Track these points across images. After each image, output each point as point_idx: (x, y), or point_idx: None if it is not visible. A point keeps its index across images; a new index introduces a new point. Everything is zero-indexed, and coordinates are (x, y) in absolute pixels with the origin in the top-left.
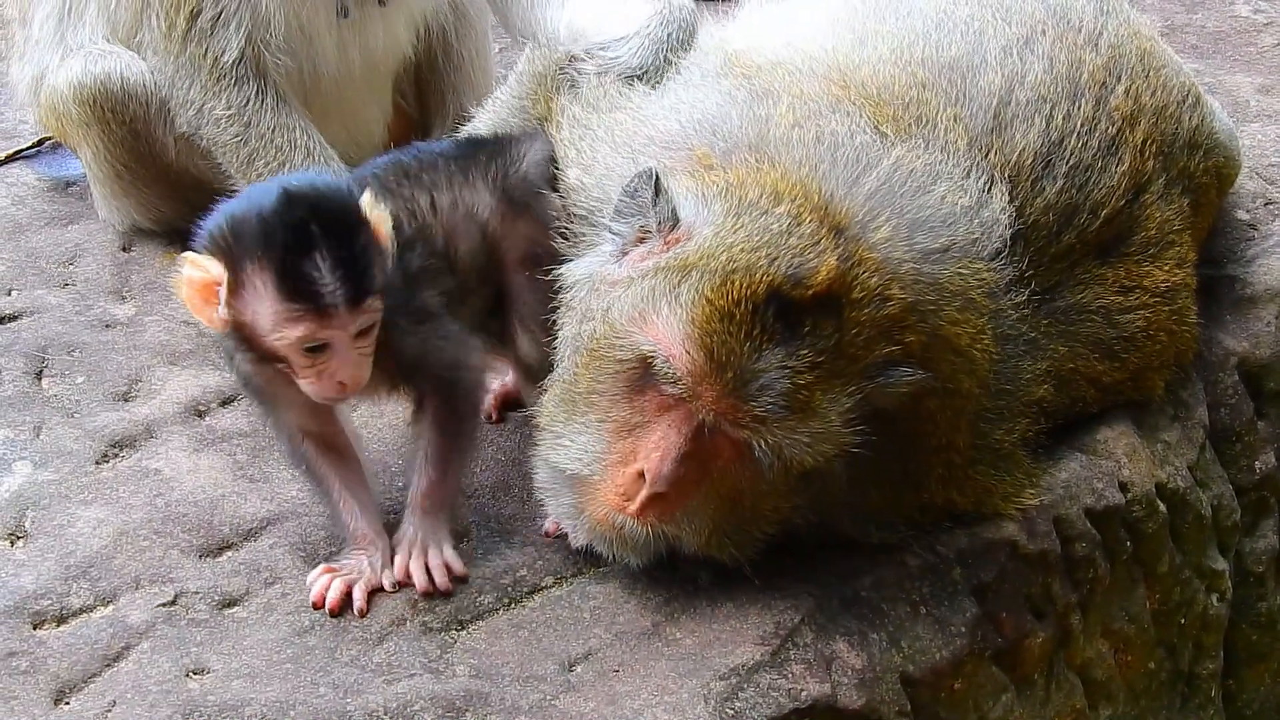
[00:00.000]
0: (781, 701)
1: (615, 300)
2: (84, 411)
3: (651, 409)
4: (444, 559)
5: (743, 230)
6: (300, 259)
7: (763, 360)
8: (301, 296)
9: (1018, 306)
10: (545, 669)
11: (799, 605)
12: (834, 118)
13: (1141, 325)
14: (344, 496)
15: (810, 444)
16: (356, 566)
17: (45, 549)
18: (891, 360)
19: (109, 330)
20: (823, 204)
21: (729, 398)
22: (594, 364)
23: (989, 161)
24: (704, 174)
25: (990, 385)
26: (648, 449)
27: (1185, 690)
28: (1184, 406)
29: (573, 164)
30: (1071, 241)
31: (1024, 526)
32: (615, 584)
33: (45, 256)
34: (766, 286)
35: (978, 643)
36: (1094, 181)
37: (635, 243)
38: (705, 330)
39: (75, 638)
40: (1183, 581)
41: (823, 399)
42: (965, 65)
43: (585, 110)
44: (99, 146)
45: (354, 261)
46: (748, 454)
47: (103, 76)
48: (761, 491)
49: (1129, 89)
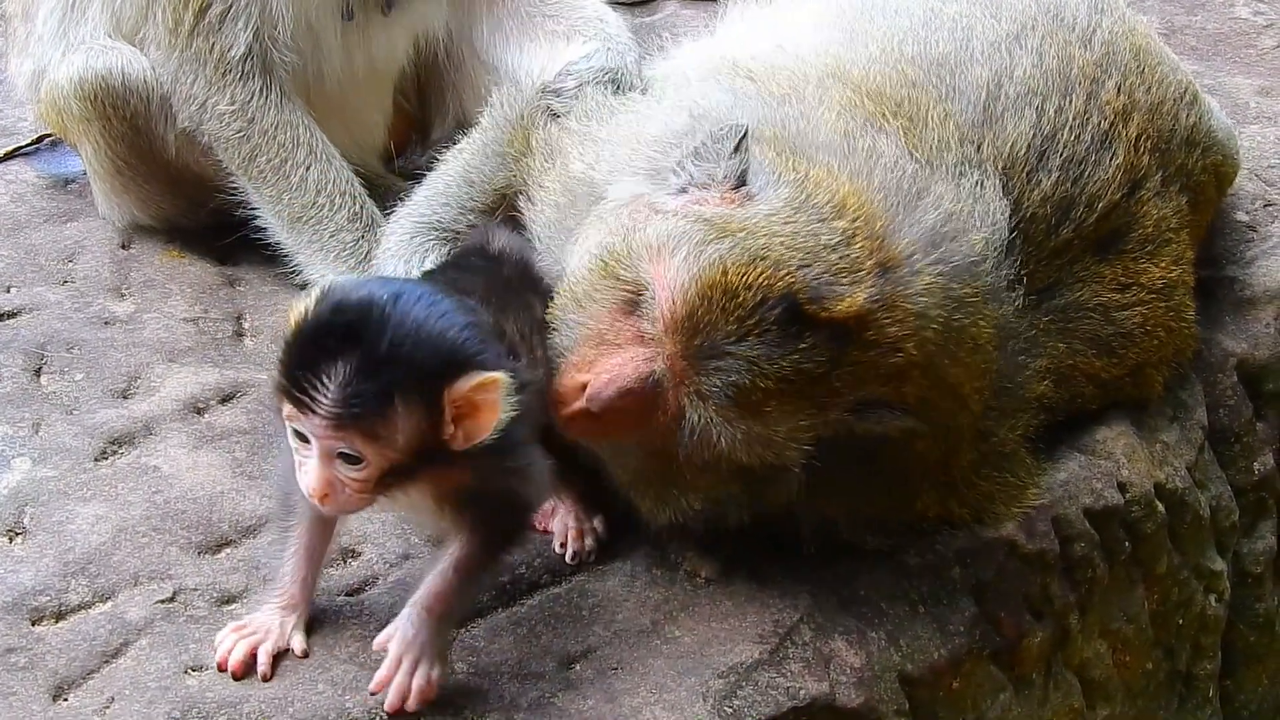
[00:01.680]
0: (780, 700)
1: (646, 226)
2: (83, 408)
3: (626, 336)
4: (429, 678)
5: (794, 226)
6: (319, 349)
7: (737, 347)
8: (290, 376)
9: (1017, 303)
10: (544, 667)
11: (797, 604)
12: (879, 136)
13: (1139, 322)
14: (300, 557)
15: (744, 443)
16: (266, 624)
17: (44, 545)
18: (878, 401)
19: (108, 327)
20: (881, 235)
21: (686, 360)
22: (600, 272)
23: (981, 155)
24: (789, 157)
25: (992, 387)
26: (600, 368)
27: (1183, 690)
28: (1183, 407)
29: (575, 160)
30: (1069, 236)
31: (1023, 526)
32: (614, 582)
33: (44, 253)
34: (785, 287)
35: (976, 642)
36: (1089, 175)
37: (699, 186)
38: (703, 292)
39: (74, 634)
40: (1181, 582)
41: (777, 410)
42: (954, 61)
43: (581, 122)
44: (99, 143)
45: (355, 395)
46: (682, 420)
47: (104, 72)
48: (692, 463)
49: (1122, 84)
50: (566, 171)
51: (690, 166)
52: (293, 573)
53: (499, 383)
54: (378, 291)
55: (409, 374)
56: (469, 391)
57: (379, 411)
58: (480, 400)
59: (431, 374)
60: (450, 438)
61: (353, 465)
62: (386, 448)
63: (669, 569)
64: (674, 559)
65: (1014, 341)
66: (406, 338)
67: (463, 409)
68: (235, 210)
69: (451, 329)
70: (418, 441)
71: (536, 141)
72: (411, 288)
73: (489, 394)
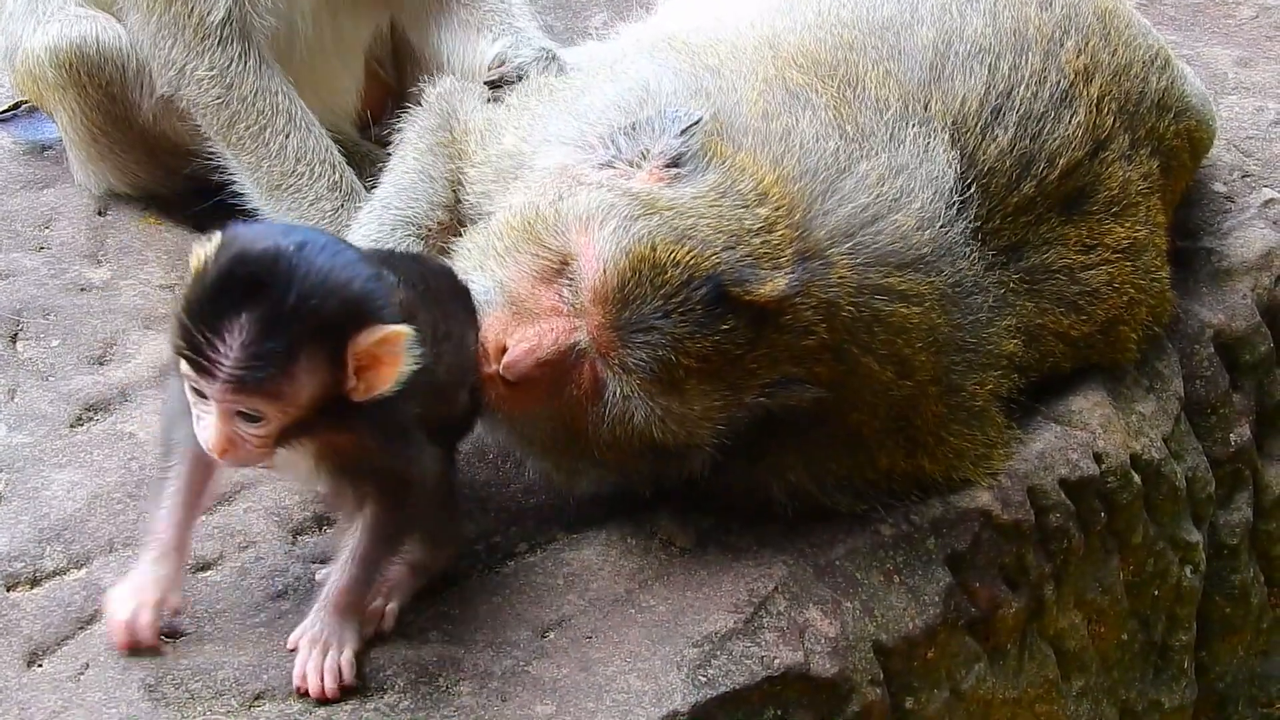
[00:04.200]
0: (754, 669)
1: (575, 195)
2: (58, 375)
3: (545, 304)
4: (339, 662)
5: (720, 210)
6: (217, 308)
7: (663, 322)
8: (188, 338)
9: (978, 258)
10: (518, 635)
11: (772, 573)
12: (802, 112)
13: (1105, 280)
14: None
15: (662, 419)
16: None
17: (19, 511)
18: (790, 379)
19: (84, 294)
20: (801, 224)
21: (611, 331)
22: (522, 234)
23: (928, 113)
24: (716, 139)
25: (953, 343)
26: (520, 335)
27: (1158, 662)
28: (1159, 378)
29: (508, 133)
30: (1031, 192)
31: (998, 496)
32: (589, 551)
33: (20, 220)
34: (711, 268)
35: (951, 612)
36: (1049, 131)
37: (626, 161)
38: (632, 265)
39: (49, 600)
40: (1156, 553)
41: (695, 388)
42: (899, 23)
43: (520, 98)
44: (75, 110)
45: (257, 355)
46: (601, 394)
47: (78, 40)
48: (602, 437)
49: (1083, 45)
50: (500, 145)
51: (621, 140)
52: (168, 517)
53: (402, 336)
54: (283, 242)
55: (314, 329)
56: (372, 345)
57: (283, 372)
58: (383, 354)
59: (336, 327)
60: (351, 390)
61: (253, 423)
62: (288, 405)
63: (644, 538)
64: (649, 528)
65: (977, 296)
66: (313, 291)
67: (365, 361)
68: (211, 177)
69: (357, 279)
70: (319, 395)
71: (473, 125)
72: (316, 236)
73: (392, 347)
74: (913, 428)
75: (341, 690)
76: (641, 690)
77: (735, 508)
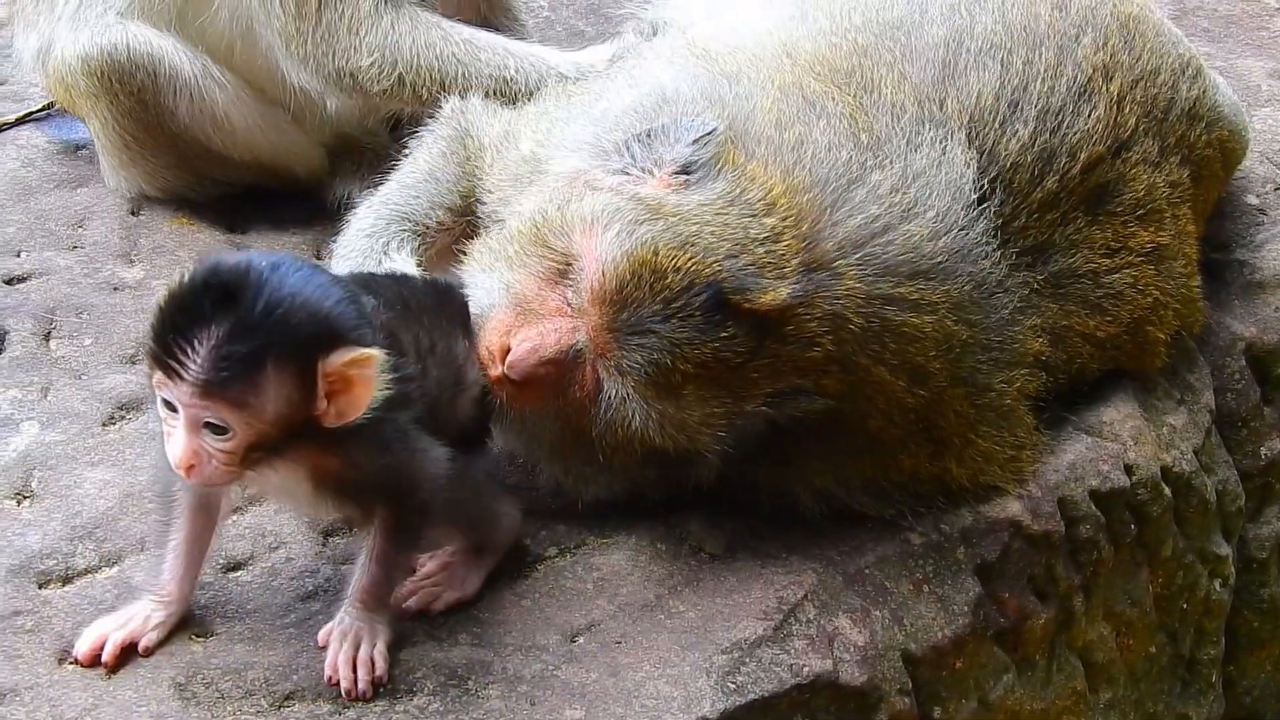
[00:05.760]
0: (783, 676)
1: (583, 198)
2: (91, 373)
3: (549, 306)
4: (371, 655)
5: (726, 218)
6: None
7: (661, 327)
8: (160, 342)
9: (1005, 258)
10: (547, 639)
11: (802, 581)
12: (816, 120)
13: (1129, 282)
14: (178, 551)
15: (659, 423)
16: (127, 615)
17: (51, 509)
18: (796, 390)
19: (117, 293)
20: (809, 235)
21: (609, 333)
22: (531, 238)
23: (944, 112)
24: (728, 148)
25: (976, 343)
26: (523, 335)
27: (1185, 675)
28: (1190, 390)
29: (525, 139)
30: (1055, 187)
31: (1029, 506)
32: (619, 556)
33: (54, 219)
34: (712, 275)
35: (980, 622)
36: (1068, 124)
37: (640, 169)
38: (633, 268)
39: (80, 598)
40: (1186, 566)
41: (694, 395)
42: (909, 24)
43: (538, 104)
44: (107, 117)
45: (224, 360)
46: (599, 396)
47: (109, 48)
48: (606, 441)
49: (1101, 43)
50: (517, 152)
51: (635, 147)
52: (171, 569)
53: (373, 359)
54: (256, 261)
55: (281, 341)
56: (343, 366)
57: (247, 378)
58: (354, 376)
59: (304, 343)
60: (322, 414)
61: (219, 436)
62: (254, 418)
63: (674, 543)
64: (679, 533)
65: (1000, 295)
66: (280, 304)
67: (336, 384)
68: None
69: (327, 301)
70: (287, 414)
71: (488, 139)
72: (290, 260)
73: (363, 369)
74: (936, 429)
75: (373, 684)
76: (670, 696)
77: (765, 513)
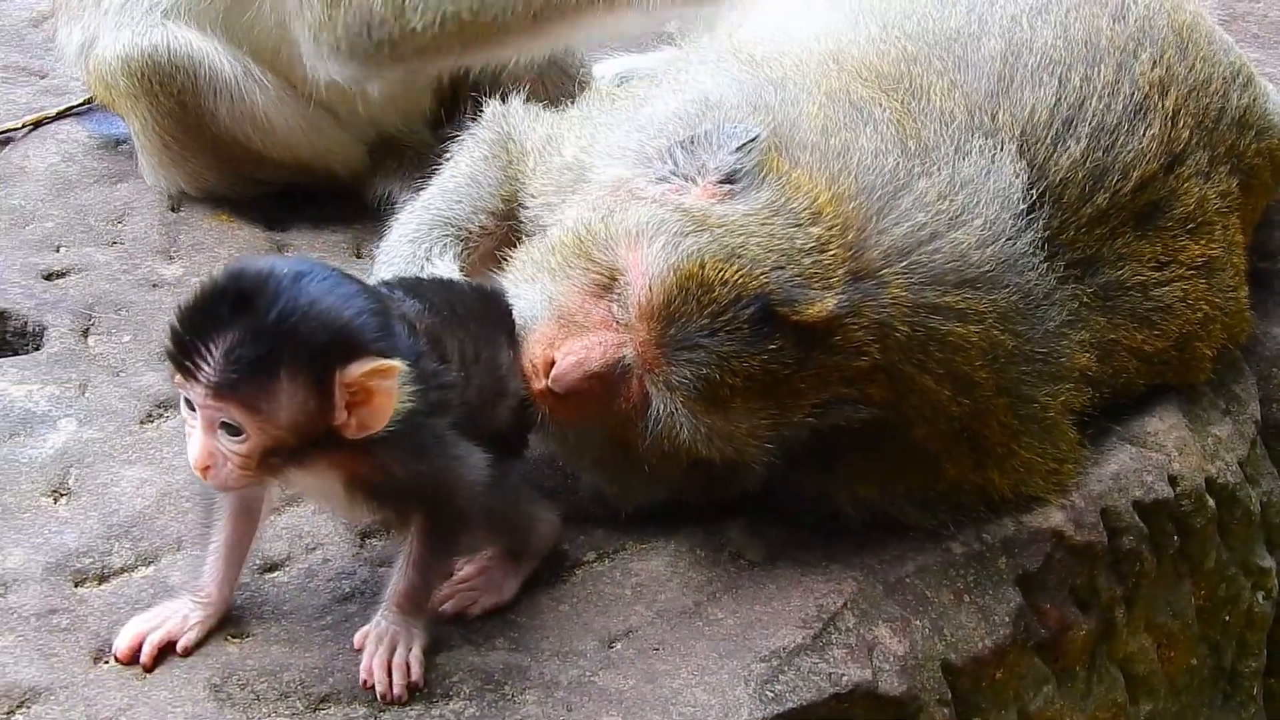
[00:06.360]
0: (822, 685)
1: (627, 210)
2: (129, 370)
3: (595, 319)
4: (407, 659)
5: (771, 228)
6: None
7: (709, 340)
8: (177, 340)
9: (1053, 270)
10: (585, 645)
11: (842, 589)
12: (863, 127)
13: (1179, 296)
14: (219, 553)
15: (707, 436)
16: (166, 613)
17: (88, 507)
18: (842, 400)
19: (156, 290)
20: (855, 244)
21: (657, 348)
22: (575, 250)
23: (996, 124)
24: (773, 155)
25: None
26: (568, 348)
27: (1227, 688)
28: (1236, 401)
29: (569, 144)
30: (1105, 205)
31: (1071, 517)
32: (658, 561)
33: (94, 214)
34: (759, 287)
35: (1020, 633)
36: (1122, 143)
37: (682, 176)
38: (680, 283)
39: (116, 597)
40: (1229, 578)
41: (742, 407)
42: (966, 35)
43: (582, 108)
44: (147, 118)
45: (238, 362)
46: (647, 410)
47: (149, 49)
48: (653, 452)
49: (1158, 57)
50: (560, 158)
51: (678, 155)
52: (211, 570)
53: (395, 370)
54: (280, 266)
55: (296, 348)
56: (362, 377)
57: (258, 383)
58: (374, 387)
59: (320, 352)
60: (343, 425)
61: (234, 437)
62: (267, 423)
63: (714, 550)
64: (719, 540)
65: (1047, 308)
66: (298, 310)
67: (356, 395)
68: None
69: (349, 310)
70: (304, 422)
71: (531, 143)
72: (318, 268)
73: (384, 380)
74: (980, 439)
75: (408, 688)
76: (708, 704)
77: (806, 521)
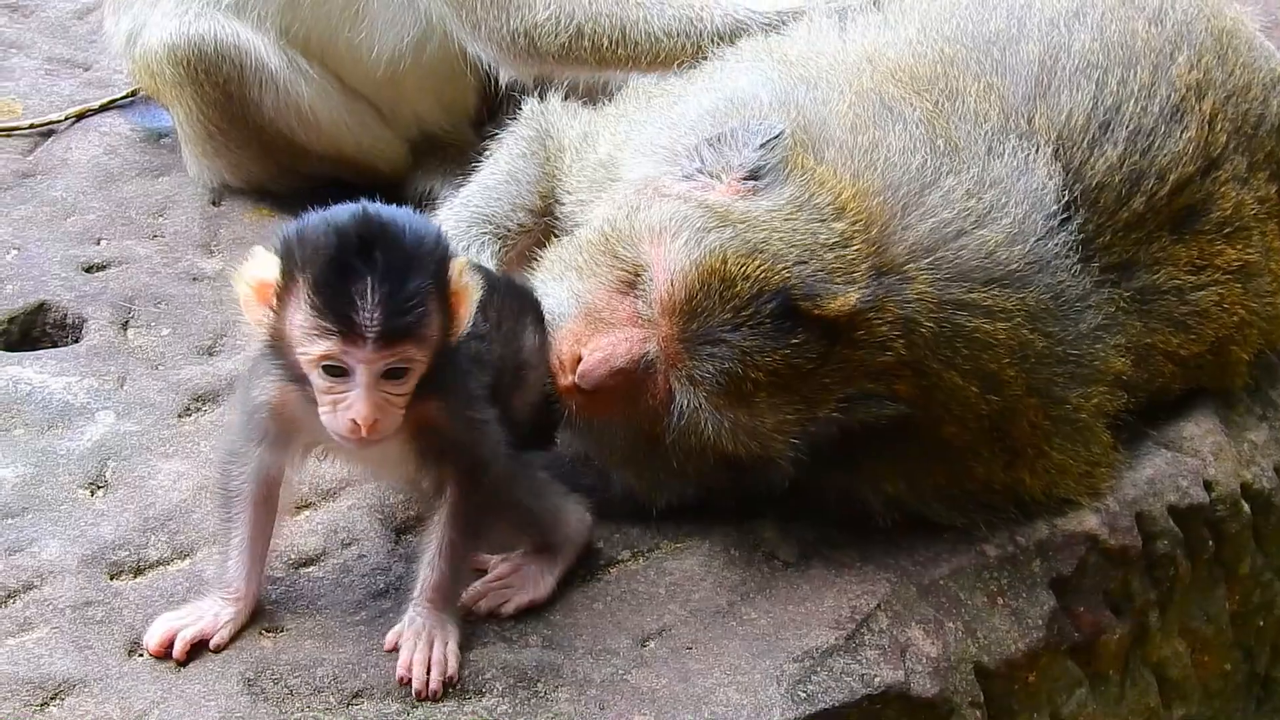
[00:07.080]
0: (854, 686)
1: (651, 207)
2: (168, 364)
3: (621, 315)
4: (444, 654)
5: (794, 223)
6: (347, 276)
7: (731, 336)
8: (333, 312)
9: (1088, 273)
10: (618, 643)
11: (875, 591)
12: (892, 125)
13: (1215, 300)
14: (243, 548)
15: (731, 431)
16: (198, 611)
17: (125, 500)
18: (868, 395)
19: (196, 284)
20: (879, 240)
21: (680, 344)
22: (600, 247)
23: (1032, 127)
24: (799, 151)
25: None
26: (594, 345)
27: (1260, 693)
28: (1272, 406)
29: (604, 141)
30: (1141, 209)
31: (1106, 521)
32: (692, 561)
33: (135, 207)
34: (781, 281)
35: (1054, 636)
36: (1158, 146)
37: (708, 174)
38: (702, 278)
39: (151, 590)
40: (1263, 584)
41: (766, 401)
42: (1004, 38)
43: (618, 105)
44: (192, 107)
45: (404, 299)
46: (671, 405)
47: (196, 38)
48: (679, 448)
49: (1195, 61)
50: (595, 155)
51: (705, 152)
52: (237, 567)
53: (467, 264)
54: (360, 212)
55: (428, 268)
56: (457, 278)
57: (420, 312)
58: (465, 285)
59: (440, 264)
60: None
61: (396, 381)
62: (428, 348)
63: (747, 549)
64: (752, 539)
65: (1081, 310)
66: (413, 238)
67: (455, 296)
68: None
69: (428, 223)
70: (441, 336)
71: (568, 140)
72: (372, 204)
73: (466, 278)
74: (1010, 438)
75: (444, 683)
76: (740, 704)
77: (839, 521)
